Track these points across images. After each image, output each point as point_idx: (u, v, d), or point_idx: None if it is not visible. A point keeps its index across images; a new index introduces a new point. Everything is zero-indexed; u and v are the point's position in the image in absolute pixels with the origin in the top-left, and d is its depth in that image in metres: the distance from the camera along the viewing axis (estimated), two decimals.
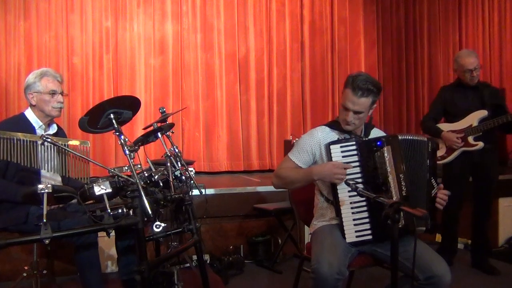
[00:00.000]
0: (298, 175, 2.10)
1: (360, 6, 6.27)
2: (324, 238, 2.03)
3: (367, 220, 1.99)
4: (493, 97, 3.21)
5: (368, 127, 2.23)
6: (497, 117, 3.08)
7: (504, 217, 4.09)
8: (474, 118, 3.18)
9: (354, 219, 1.99)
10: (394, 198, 1.93)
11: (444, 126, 3.33)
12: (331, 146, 2.01)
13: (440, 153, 3.30)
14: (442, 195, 2.01)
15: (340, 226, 2.01)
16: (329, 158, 2.02)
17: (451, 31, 6.54)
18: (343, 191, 1.99)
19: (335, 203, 2.03)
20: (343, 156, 2.00)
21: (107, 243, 2.99)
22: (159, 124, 2.65)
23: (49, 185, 1.75)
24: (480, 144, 3.16)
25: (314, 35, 6.09)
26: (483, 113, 3.15)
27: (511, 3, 6.16)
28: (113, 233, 2.09)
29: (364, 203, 2.00)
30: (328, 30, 6.15)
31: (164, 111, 2.79)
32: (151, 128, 2.62)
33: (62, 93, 2.47)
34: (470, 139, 3.19)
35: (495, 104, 3.17)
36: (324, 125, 2.23)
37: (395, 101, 6.44)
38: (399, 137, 2.02)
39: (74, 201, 2.33)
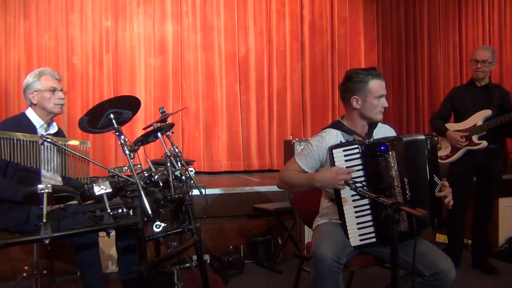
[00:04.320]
0: (301, 180, 2.08)
1: (360, 6, 6.27)
2: (325, 229, 2.06)
3: (370, 223, 1.97)
4: (502, 99, 3.21)
5: (372, 126, 2.18)
6: (499, 116, 3.09)
7: (504, 217, 4.09)
8: (478, 118, 3.20)
9: (357, 223, 1.97)
10: None
11: (451, 126, 3.35)
12: (334, 150, 1.97)
13: (445, 152, 3.33)
14: (446, 193, 2.00)
15: (344, 229, 2.00)
16: (332, 162, 1.98)
17: (451, 31, 6.54)
18: (346, 195, 1.97)
19: (338, 206, 2.01)
20: (345, 160, 1.96)
21: (107, 243, 2.99)
22: (159, 124, 2.65)
23: (49, 185, 1.75)
24: (484, 143, 3.16)
25: (314, 35, 6.09)
26: (487, 112, 3.17)
27: (511, 3, 6.17)
28: (113, 233, 2.10)
29: (367, 206, 1.97)
30: (328, 30, 6.16)
31: (164, 111, 2.79)
32: (151, 128, 2.62)
33: (61, 90, 2.48)
34: (474, 138, 3.20)
35: (502, 106, 3.17)
36: (330, 127, 2.19)
37: (395, 101, 6.44)
38: (404, 140, 1.98)
39: (74, 201, 2.33)
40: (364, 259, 2.08)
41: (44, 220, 1.72)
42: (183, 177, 2.52)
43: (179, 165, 2.53)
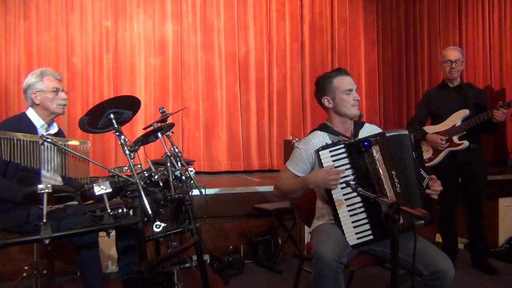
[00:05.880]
0: (294, 185, 2.12)
1: (360, 6, 6.27)
2: (325, 230, 2.07)
3: (365, 220, 1.99)
4: (477, 97, 3.25)
5: (357, 126, 2.23)
6: (478, 115, 3.11)
7: (504, 217, 4.09)
8: (457, 118, 3.21)
9: (352, 221, 1.99)
10: (389, 196, 1.94)
11: (429, 129, 3.35)
12: (320, 152, 2.02)
13: (427, 155, 3.32)
14: (434, 185, 2.02)
15: (340, 229, 2.01)
16: (320, 163, 2.02)
17: (451, 31, 6.54)
18: (338, 195, 2.00)
19: (332, 207, 2.03)
20: (333, 161, 2.00)
21: (107, 243, 2.99)
22: (159, 124, 2.65)
23: (49, 185, 1.75)
24: (465, 143, 3.18)
25: (314, 35, 6.09)
26: (465, 112, 3.19)
27: (511, 3, 6.17)
28: (113, 233, 2.10)
29: (360, 204, 2.00)
30: (328, 30, 6.15)
31: (164, 111, 2.79)
32: (151, 128, 2.62)
33: (63, 90, 2.49)
34: (455, 138, 3.21)
35: (477, 104, 3.20)
36: (317, 129, 2.23)
37: (395, 101, 6.44)
38: (387, 135, 2.02)
39: (74, 202, 2.33)
40: (364, 259, 2.09)
41: (44, 220, 1.73)
42: (183, 177, 2.52)
43: (179, 165, 2.53)
